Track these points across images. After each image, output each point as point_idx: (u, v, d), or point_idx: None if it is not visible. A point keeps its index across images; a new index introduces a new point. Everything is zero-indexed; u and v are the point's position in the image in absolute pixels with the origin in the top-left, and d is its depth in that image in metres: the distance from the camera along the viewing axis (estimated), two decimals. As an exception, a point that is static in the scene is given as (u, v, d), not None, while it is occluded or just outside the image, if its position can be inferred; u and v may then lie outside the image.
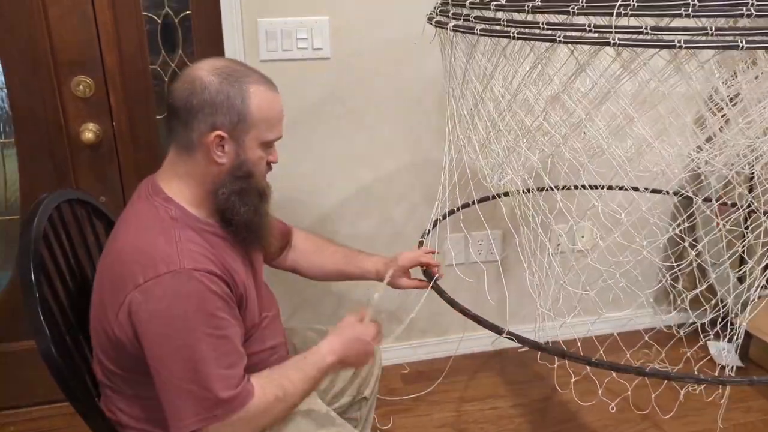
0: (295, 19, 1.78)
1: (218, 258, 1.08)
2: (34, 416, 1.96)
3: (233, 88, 1.05)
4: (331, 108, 1.90)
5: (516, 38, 1.01)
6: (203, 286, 1.01)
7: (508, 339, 1.17)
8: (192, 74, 1.07)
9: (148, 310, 1.00)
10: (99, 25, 1.71)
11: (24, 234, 1.13)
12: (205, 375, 1.00)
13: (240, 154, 1.09)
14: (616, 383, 1.98)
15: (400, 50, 1.85)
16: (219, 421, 1.01)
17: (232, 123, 1.06)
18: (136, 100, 1.81)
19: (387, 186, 2.04)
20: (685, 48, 0.88)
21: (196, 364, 1.00)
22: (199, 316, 1.00)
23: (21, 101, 1.73)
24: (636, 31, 0.90)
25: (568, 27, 0.96)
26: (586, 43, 0.96)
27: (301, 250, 1.47)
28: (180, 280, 1.00)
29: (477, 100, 1.24)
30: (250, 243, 1.16)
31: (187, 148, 1.08)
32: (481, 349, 2.31)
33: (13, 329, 1.88)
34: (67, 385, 1.07)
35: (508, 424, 1.98)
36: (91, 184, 1.85)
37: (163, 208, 1.08)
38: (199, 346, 1.00)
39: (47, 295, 1.13)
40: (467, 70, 1.22)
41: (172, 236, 1.04)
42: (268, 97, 1.10)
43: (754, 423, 1.99)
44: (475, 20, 1.11)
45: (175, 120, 1.08)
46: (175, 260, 1.01)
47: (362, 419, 1.52)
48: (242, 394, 1.03)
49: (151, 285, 0.99)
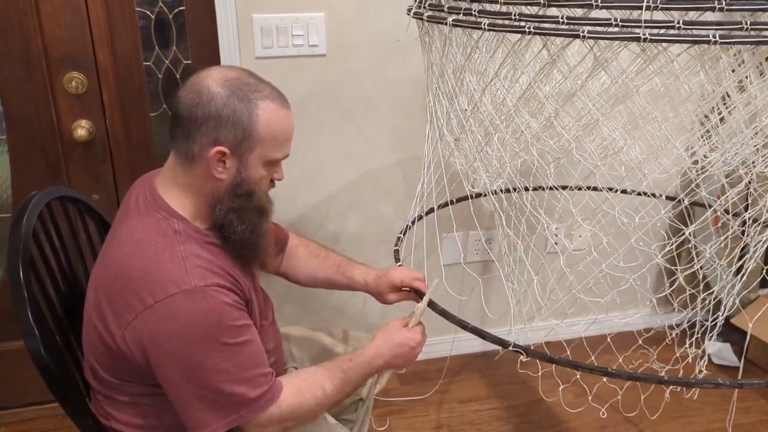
0: (291, 15, 1.76)
1: (223, 268, 1.06)
2: (25, 417, 1.94)
3: (241, 103, 1.01)
4: (326, 104, 1.88)
5: (487, 30, 1.00)
6: (218, 301, 1.00)
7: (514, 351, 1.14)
8: (200, 83, 1.02)
9: (164, 330, 0.97)
10: (92, 21, 1.69)
11: (13, 232, 1.11)
12: (229, 382, 1.00)
13: (241, 171, 1.05)
14: (615, 381, 1.97)
15: (396, 47, 1.84)
16: (249, 421, 1.02)
17: (236, 139, 1.02)
18: (129, 96, 1.79)
19: (378, 183, 2.02)
20: (650, 41, 0.87)
21: (220, 374, 1.00)
22: (219, 330, 0.99)
23: (12, 97, 1.70)
24: (606, 23, 0.89)
25: (540, 19, 0.95)
26: (557, 35, 0.94)
27: (294, 257, 1.44)
28: (194, 298, 0.98)
29: (452, 95, 1.22)
30: (246, 260, 1.13)
31: (187, 158, 1.04)
32: (478, 350, 2.30)
33: (4, 329, 1.86)
34: (57, 385, 1.05)
35: (505, 425, 1.97)
36: (84, 182, 1.82)
37: (166, 222, 1.05)
38: (222, 357, 0.99)
39: (37, 294, 1.11)
40: (442, 63, 1.20)
41: (178, 252, 1.01)
42: (278, 114, 1.05)
43: (753, 424, 1.98)
44: (449, 11, 1.09)
45: (178, 128, 1.03)
46: (185, 279, 0.98)
47: (358, 421, 1.50)
48: (270, 392, 1.04)
49: (163, 306, 0.97)
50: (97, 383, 1.11)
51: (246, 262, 1.14)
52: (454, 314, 1.22)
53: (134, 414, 1.10)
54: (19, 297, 1.05)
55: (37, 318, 1.05)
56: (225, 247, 1.09)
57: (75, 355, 1.20)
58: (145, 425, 1.11)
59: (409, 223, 1.55)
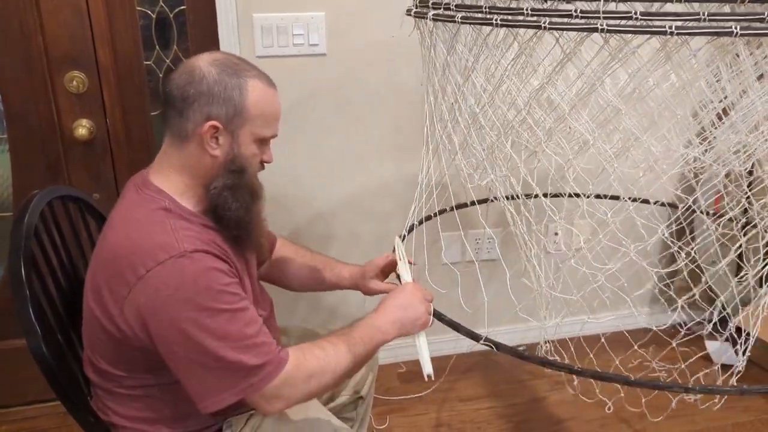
0: (291, 14, 1.76)
1: (214, 242, 1.07)
2: (27, 415, 1.94)
3: (231, 80, 1.05)
4: (327, 104, 1.89)
5: (499, 26, 0.98)
6: (207, 266, 1.00)
7: (485, 344, 1.14)
8: (191, 64, 1.06)
9: (158, 298, 0.98)
10: (92, 20, 1.69)
11: (14, 231, 1.12)
12: (230, 349, 0.99)
13: (234, 147, 1.07)
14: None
15: (396, 47, 1.84)
16: (257, 391, 1.00)
17: (228, 115, 1.05)
18: (130, 96, 1.80)
19: (379, 182, 2.02)
20: (676, 34, 0.85)
21: (219, 341, 0.98)
22: (210, 294, 0.99)
23: (13, 97, 1.71)
24: (625, 16, 0.87)
25: (554, 13, 0.93)
26: (573, 29, 0.91)
27: (282, 260, 1.44)
28: (183, 263, 0.98)
29: (457, 95, 1.21)
30: (241, 241, 1.14)
31: (181, 137, 1.06)
32: (477, 348, 2.29)
33: (5, 328, 1.86)
34: (58, 383, 1.06)
35: (506, 424, 1.97)
36: (85, 181, 1.83)
37: (155, 199, 1.06)
38: (218, 323, 0.98)
39: (38, 292, 1.11)
40: (447, 62, 1.18)
41: (167, 225, 1.03)
42: (266, 93, 1.08)
43: (752, 422, 1.99)
44: (456, 8, 1.08)
45: (171, 109, 1.06)
46: (174, 245, 0.99)
47: (358, 419, 1.51)
48: (275, 361, 1.02)
49: (155, 274, 0.98)
50: (98, 377, 1.11)
51: (240, 246, 1.15)
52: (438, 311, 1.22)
53: (133, 407, 1.11)
54: (20, 295, 1.06)
55: (38, 316, 1.06)
56: (219, 228, 1.10)
57: (76, 353, 1.20)
58: (144, 418, 1.11)
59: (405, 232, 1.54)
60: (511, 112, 1.19)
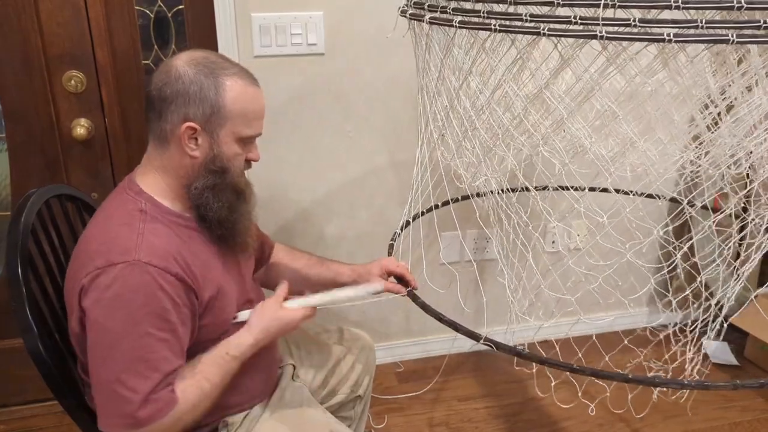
0: (289, 14, 1.76)
1: (185, 255, 1.05)
2: (24, 415, 1.94)
3: (207, 79, 1.03)
4: (325, 103, 1.89)
5: (497, 31, 0.97)
6: (154, 283, 0.99)
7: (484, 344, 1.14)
8: (169, 64, 1.05)
9: (94, 297, 0.98)
10: (91, 20, 1.69)
11: (12, 229, 1.12)
12: (134, 374, 0.97)
13: (214, 147, 1.06)
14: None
15: (396, 46, 1.84)
16: (143, 427, 0.98)
17: (205, 115, 1.04)
18: (128, 95, 1.80)
19: (377, 181, 2.03)
20: (674, 42, 0.85)
21: (129, 363, 0.97)
22: (142, 312, 0.98)
23: (11, 96, 1.71)
24: (623, 23, 0.86)
25: (553, 19, 0.92)
26: (572, 36, 0.91)
27: (274, 265, 1.43)
28: (132, 272, 0.97)
29: (453, 97, 1.21)
30: (225, 240, 1.13)
31: (161, 139, 1.06)
32: (475, 348, 2.30)
33: (2, 327, 1.86)
34: (56, 383, 1.06)
35: (503, 423, 1.97)
36: (83, 180, 1.83)
37: (133, 200, 1.07)
38: (136, 343, 0.97)
39: (35, 291, 1.11)
40: (443, 65, 1.18)
41: (136, 228, 1.02)
42: (246, 91, 1.07)
43: (750, 422, 1.99)
44: (453, 12, 1.07)
45: (151, 111, 1.06)
46: (132, 252, 0.99)
47: (356, 418, 1.51)
48: (164, 407, 0.99)
49: (101, 272, 0.97)
50: (86, 375, 1.11)
51: (225, 245, 1.14)
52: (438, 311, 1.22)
53: None
54: (17, 294, 1.06)
55: (35, 315, 1.06)
56: (202, 229, 1.10)
57: (72, 352, 1.20)
58: None
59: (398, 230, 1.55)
60: (507, 116, 1.19)
